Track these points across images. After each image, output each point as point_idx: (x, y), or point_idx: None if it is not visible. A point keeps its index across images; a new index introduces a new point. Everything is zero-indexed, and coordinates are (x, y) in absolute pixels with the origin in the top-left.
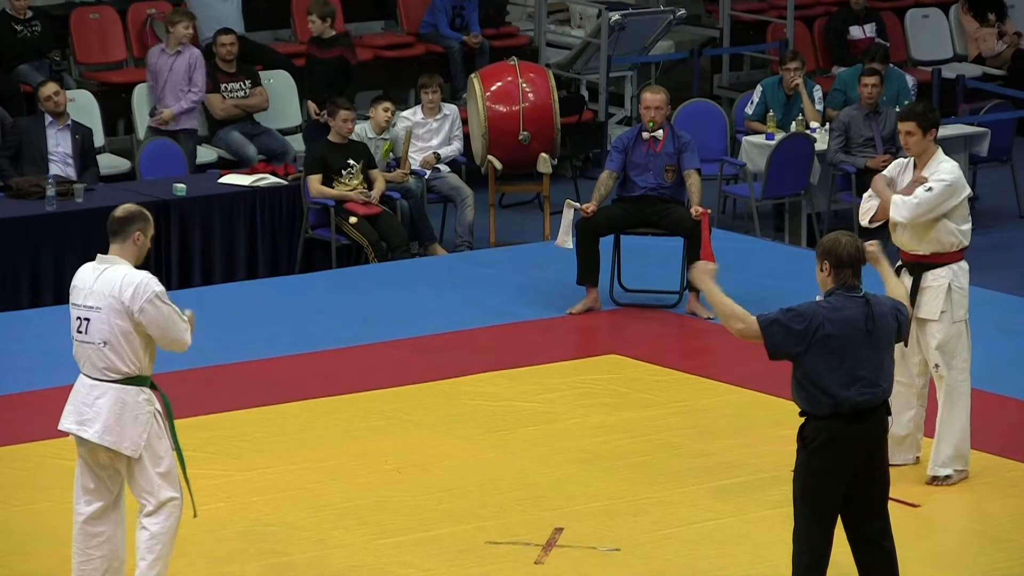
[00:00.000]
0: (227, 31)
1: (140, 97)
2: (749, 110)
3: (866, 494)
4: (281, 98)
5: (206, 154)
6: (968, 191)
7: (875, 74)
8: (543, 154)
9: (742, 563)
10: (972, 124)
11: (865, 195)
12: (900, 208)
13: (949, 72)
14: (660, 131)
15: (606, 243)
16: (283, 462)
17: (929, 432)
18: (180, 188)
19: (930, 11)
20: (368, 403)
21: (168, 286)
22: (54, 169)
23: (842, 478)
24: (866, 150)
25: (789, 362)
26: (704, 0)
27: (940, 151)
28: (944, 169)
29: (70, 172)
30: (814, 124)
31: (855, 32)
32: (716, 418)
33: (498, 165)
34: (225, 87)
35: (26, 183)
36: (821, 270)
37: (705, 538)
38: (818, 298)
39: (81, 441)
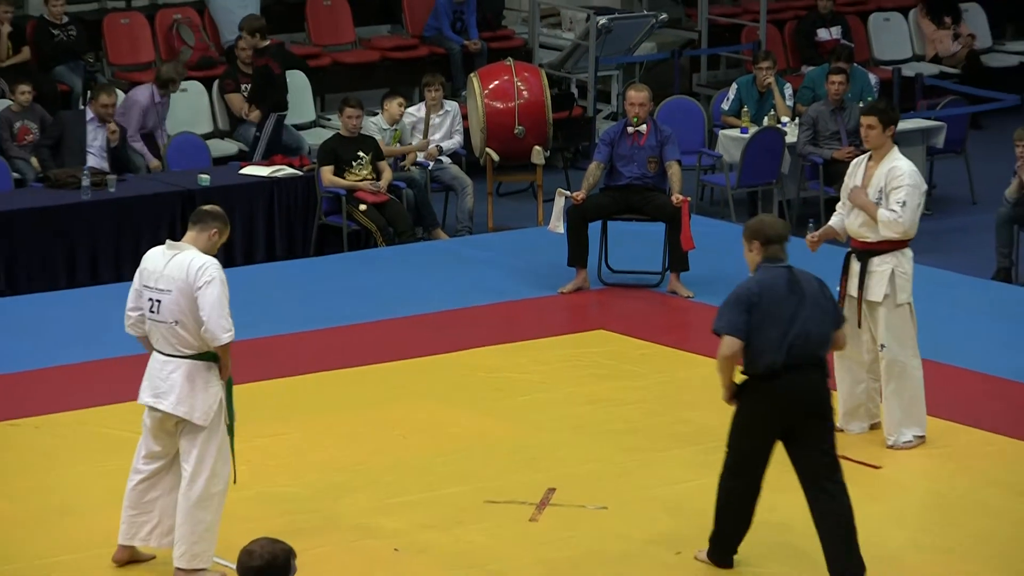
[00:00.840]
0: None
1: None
2: (725, 106)
3: (813, 447)
4: (296, 96)
5: (227, 148)
6: (925, 186)
7: (841, 72)
8: (536, 147)
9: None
10: (929, 118)
11: (838, 206)
12: (893, 226)
13: (908, 71)
14: (644, 125)
15: (594, 228)
16: (299, 429)
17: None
18: (204, 179)
19: (891, 15)
20: (377, 375)
21: None
22: (90, 161)
23: (773, 427)
24: (832, 143)
25: None
26: (684, 5)
27: (896, 148)
28: (905, 172)
29: (104, 164)
30: (785, 119)
31: (822, 34)
32: (695, 388)
33: (495, 157)
34: (245, 87)
35: (63, 174)
36: (750, 250)
37: (685, 498)
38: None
39: (153, 412)
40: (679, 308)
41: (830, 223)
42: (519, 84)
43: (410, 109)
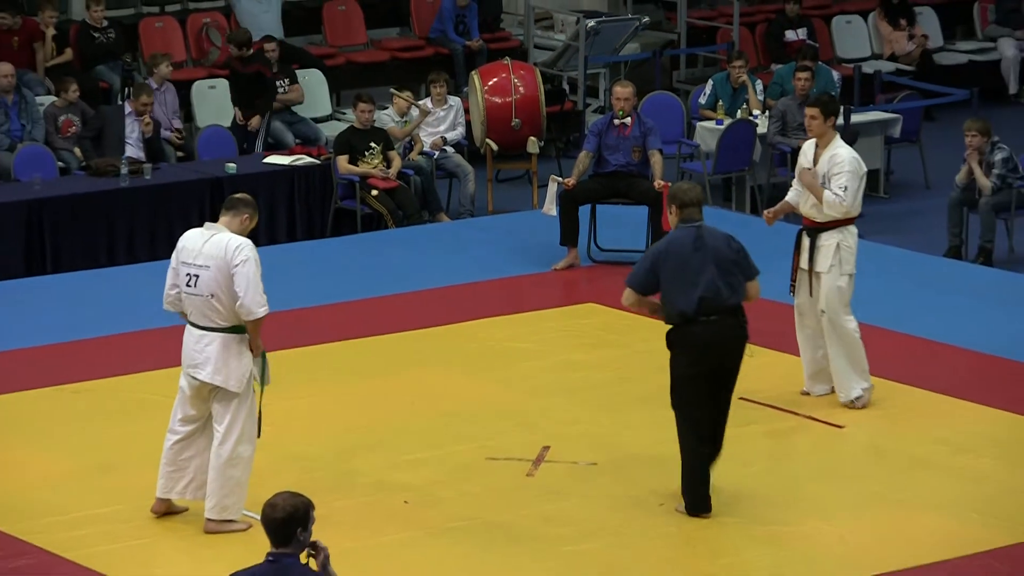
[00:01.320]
0: (268, 39)
1: (198, 92)
2: (702, 100)
3: (722, 392)
4: (314, 92)
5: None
6: (865, 169)
7: (807, 70)
8: (532, 137)
9: None
10: (887, 111)
11: (793, 182)
12: (834, 206)
13: (868, 68)
14: (628, 118)
15: (584, 211)
16: (316, 393)
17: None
18: (231, 167)
19: (852, 17)
20: (387, 344)
21: None
22: (128, 151)
23: (702, 372)
24: (799, 133)
25: None
26: (664, 9)
27: (838, 137)
28: (844, 158)
29: (140, 154)
30: (756, 112)
31: (790, 35)
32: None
33: (494, 147)
34: None
35: (103, 163)
36: (671, 213)
37: (668, 457)
38: None
39: (191, 380)
40: None
41: (786, 199)
42: (516, 81)
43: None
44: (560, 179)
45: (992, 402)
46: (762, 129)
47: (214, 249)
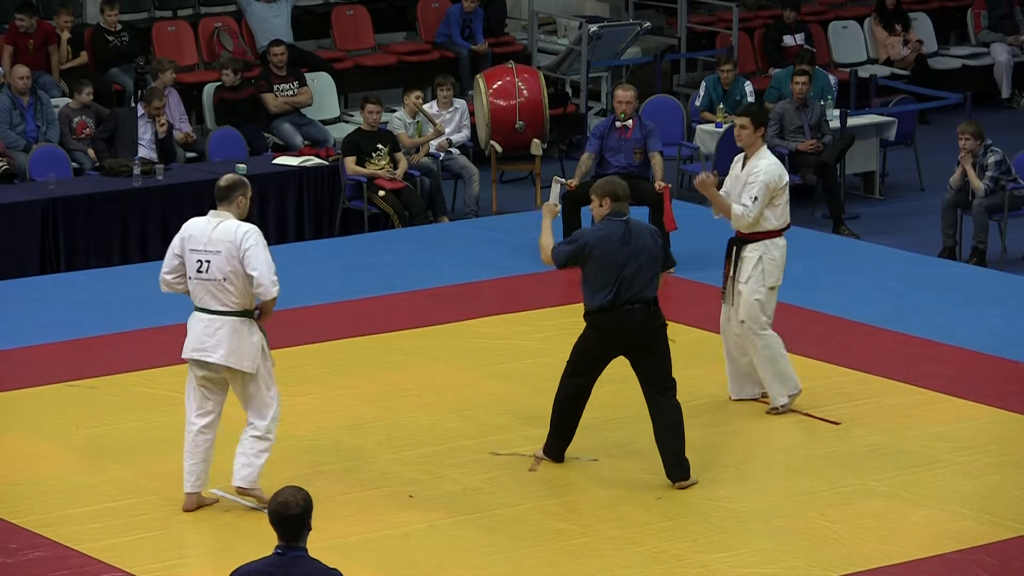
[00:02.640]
0: (278, 43)
1: (209, 94)
2: (697, 103)
3: (647, 368)
4: (323, 95)
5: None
6: (787, 179)
7: (804, 74)
8: (535, 139)
9: (693, 470)
10: (882, 115)
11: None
12: (741, 219)
13: (864, 72)
14: (630, 121)
15: (586, 211)
16: (325, 389)
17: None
18: (242, 168)
19: (848, 22)
20: (394, 341)
21: None
22: (141, 152)
23: (603, 353)
24: (797, 136)
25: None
26: (665, 14)
27: (765, 147)
28: (761, 169)
29: (153, 155)
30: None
31: (788, 40)
32: (674, 352)
33: (499, 148)
34: (277, 87)
35: (116, 164)
36: (600, 205)
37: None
38: None
39: (202, 365)
40: (662, 283)
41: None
42: (520, 84)
43: (423, 106)
44: (563, 180)
45: (985, 400)
46: None
47: (223, 235)
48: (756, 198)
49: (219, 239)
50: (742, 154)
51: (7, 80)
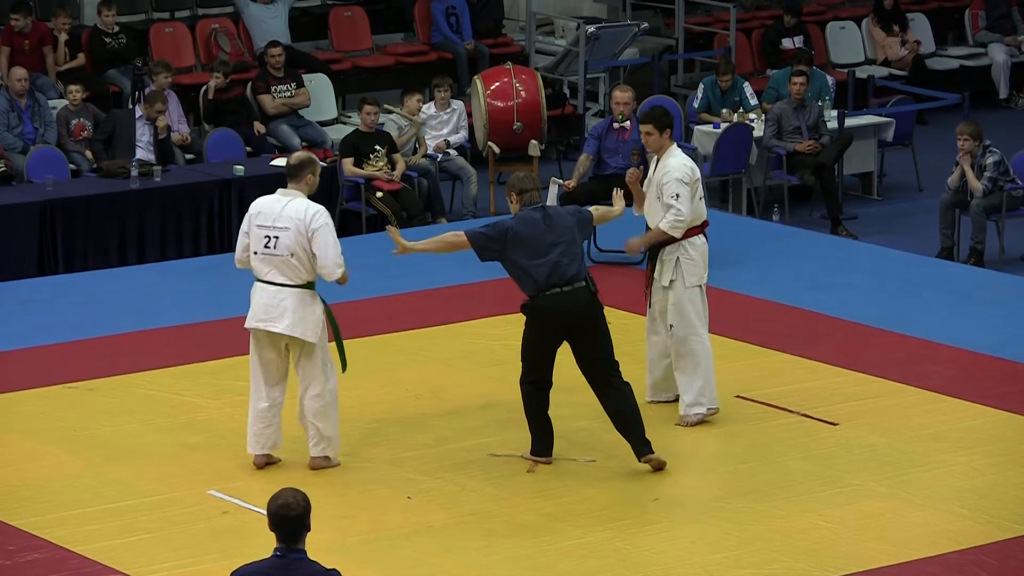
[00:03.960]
0: (275, 44)
1: (202, 95)
2: (695, 104)
3: (588, 353)
4: (320, 97)
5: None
6: (697, 175)
7: (802, 74)
8: (533, 140)
9: (690, 471)
10: (880, 115)
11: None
12: (676, 228)
13: (862, 73)
14: (628, 122)
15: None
16: None
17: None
18: (239, 169)
19: (846, 23)
20: (392, 342)
21: (229, 248)
22: (139, 154)
23: (547, 336)
24: (795, 136)
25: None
26: (663, 15)
27: (674, 146)
28: (671, 167)
29: (151, 157)
30: (752, 116)
31: (786, 43)
32: None
33: (496, 149)
34: (275, 89)
35: (114, 165)
36: (511, 201)
37: (663, 451)
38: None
39: (265, 335)
40: None
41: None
42: (517, 85)
43: (422, 108)
44: (560, 181)
45: (983, 400)
46: (758, 132)
47: (293, 212)
48: (677, 195)
49: (289, 216)
50: (656, 159)
51: (5, 82)
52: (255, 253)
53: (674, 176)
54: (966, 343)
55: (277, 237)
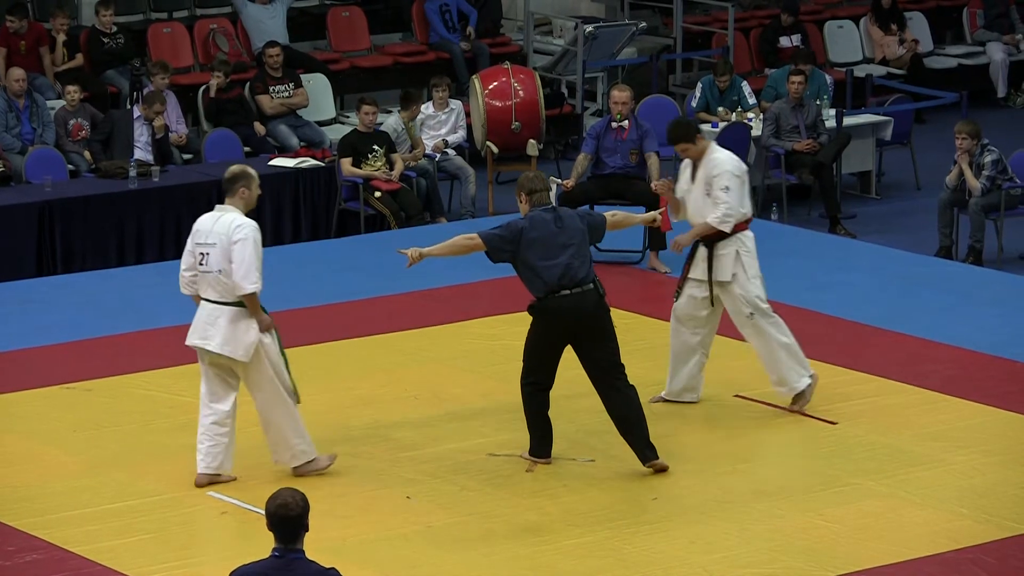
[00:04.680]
0: (273, 44)
1: (201, 96)
2: (694, 104)
3: (597, 354)
4: (318, 97)
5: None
6: (745, 169)
7: (800, 74)
8: (531, 140)
9: (690, 471)
10: (878, 114)
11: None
12: (726, 222)
13: (860, 72)
14: (626, 121)
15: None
16: (322, 390)
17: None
18: None
19: (844, 22)
20: (391, 342)
21: None
22: (137, 154)
23: (554, 337)
24: (793, 136)
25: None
26: (661, 14)
27: (713, 144)
28: (722, 161)
29: (149, 157)
30: (751, 115)
31: (784, 41)
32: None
33: (495, 149)
34: (273, 89)
35: (112, 166)
36: (521, 201)
37: (661, 451)
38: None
39: (205, 353)
40: (657, 282)
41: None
42: (516, 85)
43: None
44: (559, 181)
45: (982, 399)
46: (756, 132)
47: (221, 228)
48: (727, 187)
49: (217, 232)
50: (687, 163)
51: (2, 83)
52: (195, 272)
53: (726, 168)
54: (965, 342)
55: (207, 254)
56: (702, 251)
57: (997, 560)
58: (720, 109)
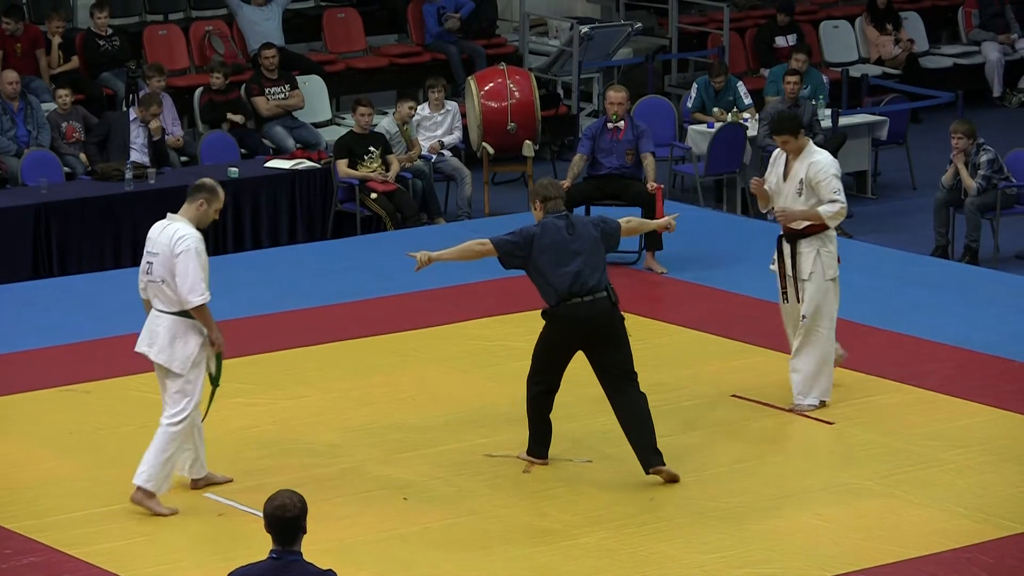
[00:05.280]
0: (269, 46)
1: (198, 97)
2: (689, 104)
3: (610, 360)
4: (314, 98)
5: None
6: (840, 169)
7: (796, 73)
8: (527, 141)
9: (688, 471)
10: (874, 114)
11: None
12: (835, 218)
13: (855, 72)
14: (622, 122)
15: (579, 212)
16: (319, 392)
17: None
18: (234, 171)
19: (839, 22)
20: (388, 343)
21: (223, 250)
22: (133, 156)
23: (565, 344)
24: None
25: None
26: (656, 14)
27: (811, 142)
28: (824, 164)
29: (145, 159)
30: (747, 115)
31: (779, 41)
32: (667, 353)
33: (491, 150)
34: (269, 91)
35: (108, 168)
36: (535, 208)
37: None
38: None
39: (152, 361)
40: (654, 283)
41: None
42: (511, 86)
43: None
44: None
45: (978, 398)
46: (752, 132)
47: (164, 238)
48: (837, 191)
49: (161, 241)
50: (779, 154)
51: None
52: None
53: (831, 172)
54: (961, 342)
55: (151, 262)
56: (787, 248)
57: (994, 559)
58: (716, 109)
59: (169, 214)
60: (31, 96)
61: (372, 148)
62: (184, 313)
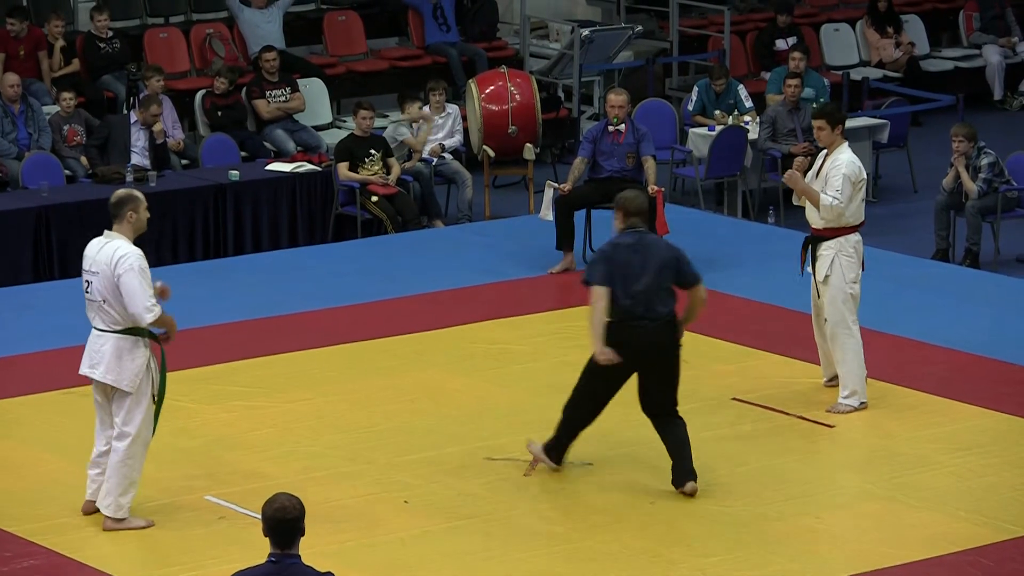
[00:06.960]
0: (270, 48)
1: (199, 99)
2: (690, 107)
3: (653, 388)
4: (315, 101)
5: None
6: (864, 176)
7: (796, 76)
8: (528, 144)
9: None
10: (875, 117)
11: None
12: (829, 210)
13: (856, 75)
14: (622, 125)
15: (580, 215)
16: (320, 395)
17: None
18: (234, 174)
19: (840, 25)
20: (388, 346)
21: (225, 253)
22: (134, 159)
23: (615, 371)
24: (789, 139)
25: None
26: (657, 18)
27: (845, 144)
28: (842, 162)
29: (146, 162)
30: (748, 118)
31: (780, 44)
32: None
33: (491, 153)
34: (269, 93)
35: (108, 171)
36: (617, 219)
37: (661, 456)
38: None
39: (93, 382)
40: None
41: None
42: (512, 89)
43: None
44: (556, 185)
45: (979, 401)
46: (753, 135)
47: (103, 257)
48: (839, 189)
49: (100, 261)
50: (823, 152)
51: None
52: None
53: (843, 171)
54: (962, 345)
55: (90, 282)
56: (810, 249)
57: (995, 562)
58: (716, 112)
59: (107, 231)
60: (32, 99)
61: (373, 151)
62: (128, 331)
